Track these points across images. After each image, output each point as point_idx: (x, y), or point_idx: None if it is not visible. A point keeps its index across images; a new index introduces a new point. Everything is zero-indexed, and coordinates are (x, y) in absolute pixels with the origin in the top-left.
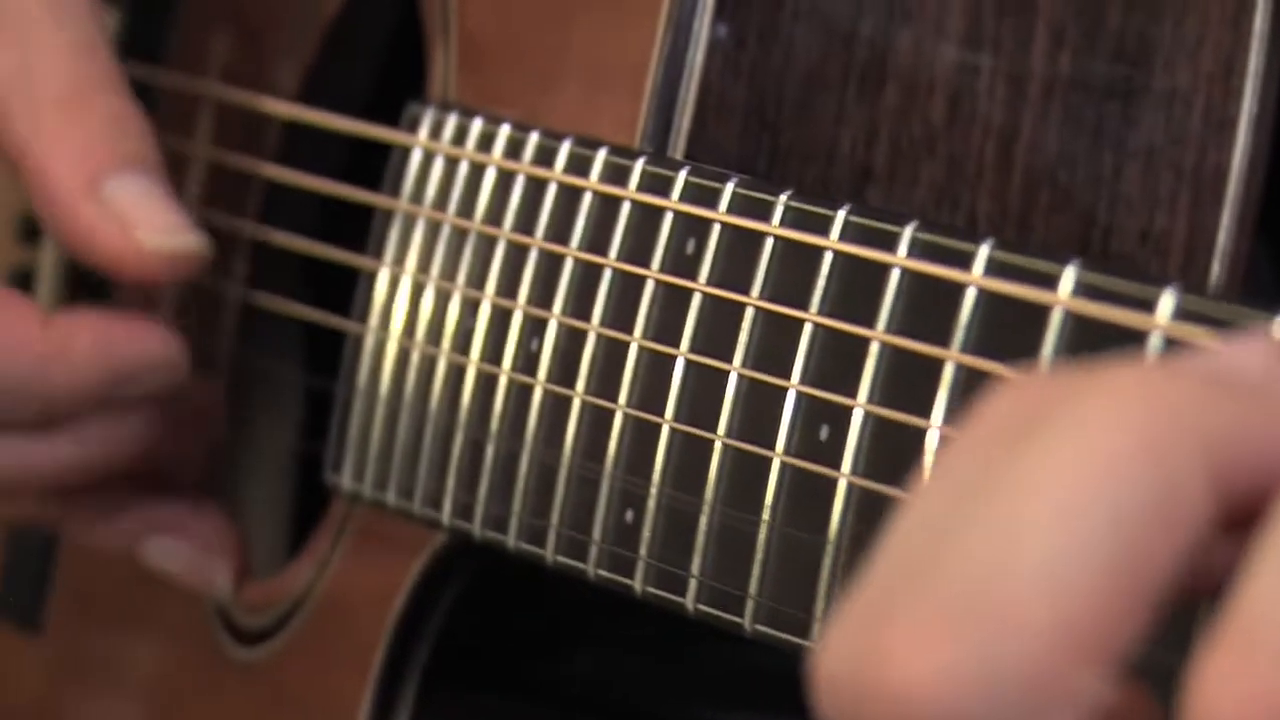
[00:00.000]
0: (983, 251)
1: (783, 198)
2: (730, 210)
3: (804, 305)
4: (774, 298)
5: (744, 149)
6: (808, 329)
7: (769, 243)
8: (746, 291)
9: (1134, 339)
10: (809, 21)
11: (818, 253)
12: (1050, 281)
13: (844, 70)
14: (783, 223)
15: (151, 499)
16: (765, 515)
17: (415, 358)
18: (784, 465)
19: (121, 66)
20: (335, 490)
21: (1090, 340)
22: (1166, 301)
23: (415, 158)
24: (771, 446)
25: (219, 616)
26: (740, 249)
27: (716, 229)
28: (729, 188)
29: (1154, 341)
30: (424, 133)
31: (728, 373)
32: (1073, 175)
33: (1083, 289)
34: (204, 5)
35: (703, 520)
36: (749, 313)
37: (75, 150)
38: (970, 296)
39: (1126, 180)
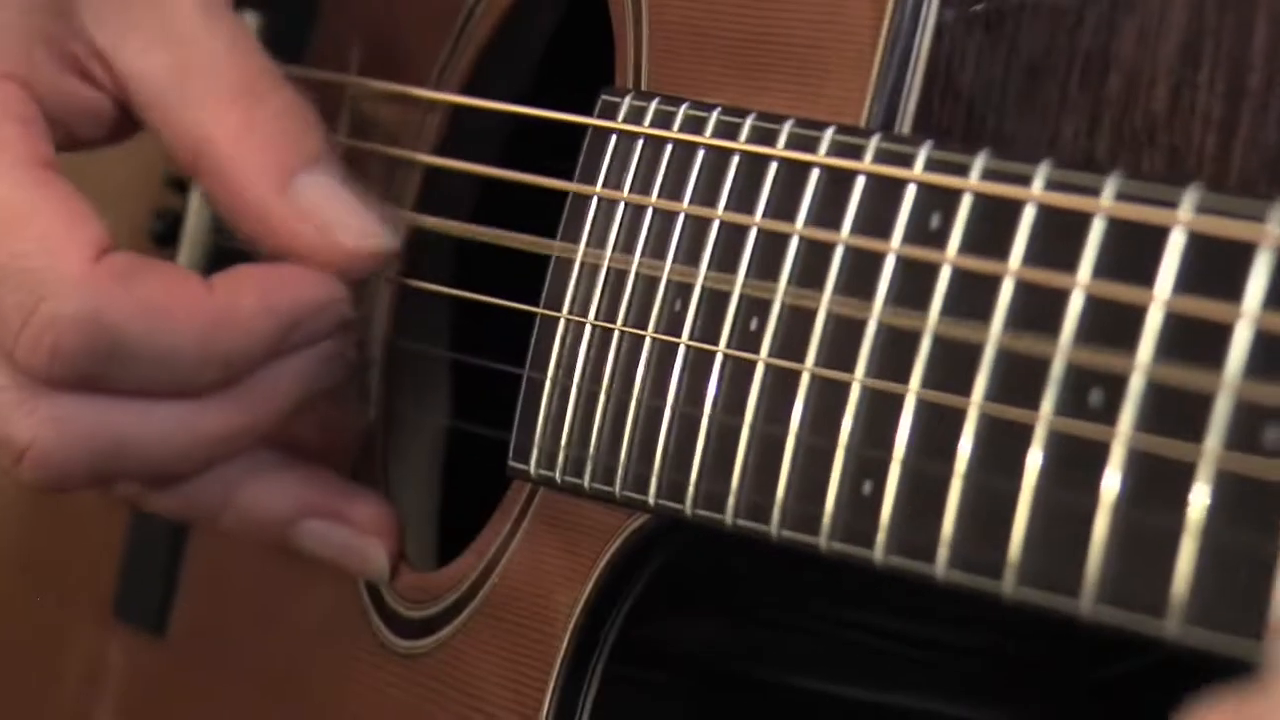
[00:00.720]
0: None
1: (1041, 168)
2: (982, 180)
3: (1069, 271)
4: (1034, 265)
5: (968, 134)
6: (1076, 294)
7: (1028, 212)
8: (1001, 260)
9: None
10: (1034, 9)
11: (1085, 219)
12: None
13: (1068, 58)
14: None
15: (306, 481)
16: (1027, 479)
17: (616, 340)
18: (1050, 429)
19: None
20: (519, 477)
21: None
22: None
23: (612, 143)
24: (1035, 411)
25: (375, 608)
26: (992, 220)
27: (966, 201)
28: (979, 161)
29: None
30: (621, 119)
31: (981, 343)
32: None
33: None
34: (342, 8)
35: (954, 487)
36: (1008, 281)
37: (260, 148)
38: (1264, 256)
39: None
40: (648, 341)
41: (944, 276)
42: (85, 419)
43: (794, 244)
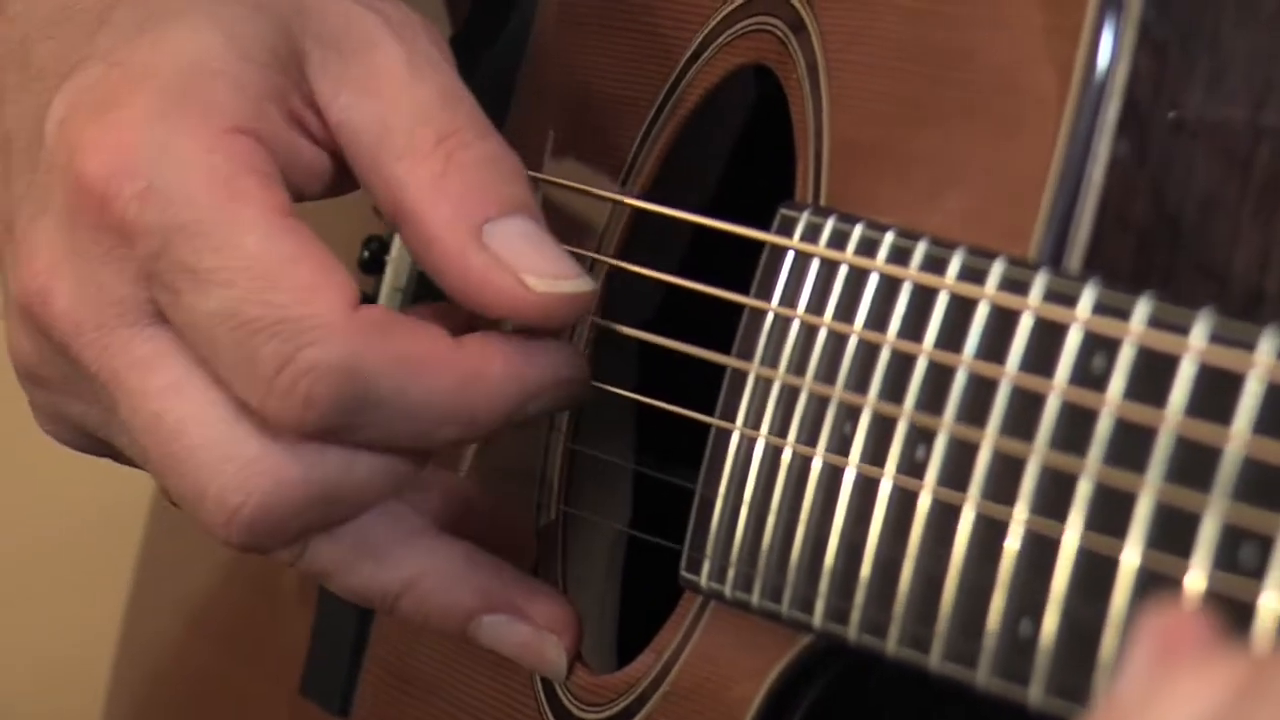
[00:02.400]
0: None
1: (1201, 317)
2: (1147, 327)
3: (1224, 426)
4: (1193, 418)
5: (1139, 266)
6: (1231, 451)
7: (1187, 363)
8: (1159, 409)
9: None
10: (1208, 141)
11: (1240, 377)
12: None
13: (1241, 191)
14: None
15: (489, 575)
16: None
17: (786, 459)
18: (1205, 586)
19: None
20: (690, 588)
21: None
22: None
23: (789, 260)
24: (1186, 564)
25: (549, 706)
26: (1152, 368)
27: (1129, 346)
28: (1141, 306)
29: None
30: (798, 235)
31: (1136, 491)
32: None
33: None
34: (534, 100)
35: (1108, 633)
36: (1164, 433)
37: (456, 196)
38: None
39: None
40: (817, 462)
41: (1104, 421)
42: (309, 468)
43: (960, 376)
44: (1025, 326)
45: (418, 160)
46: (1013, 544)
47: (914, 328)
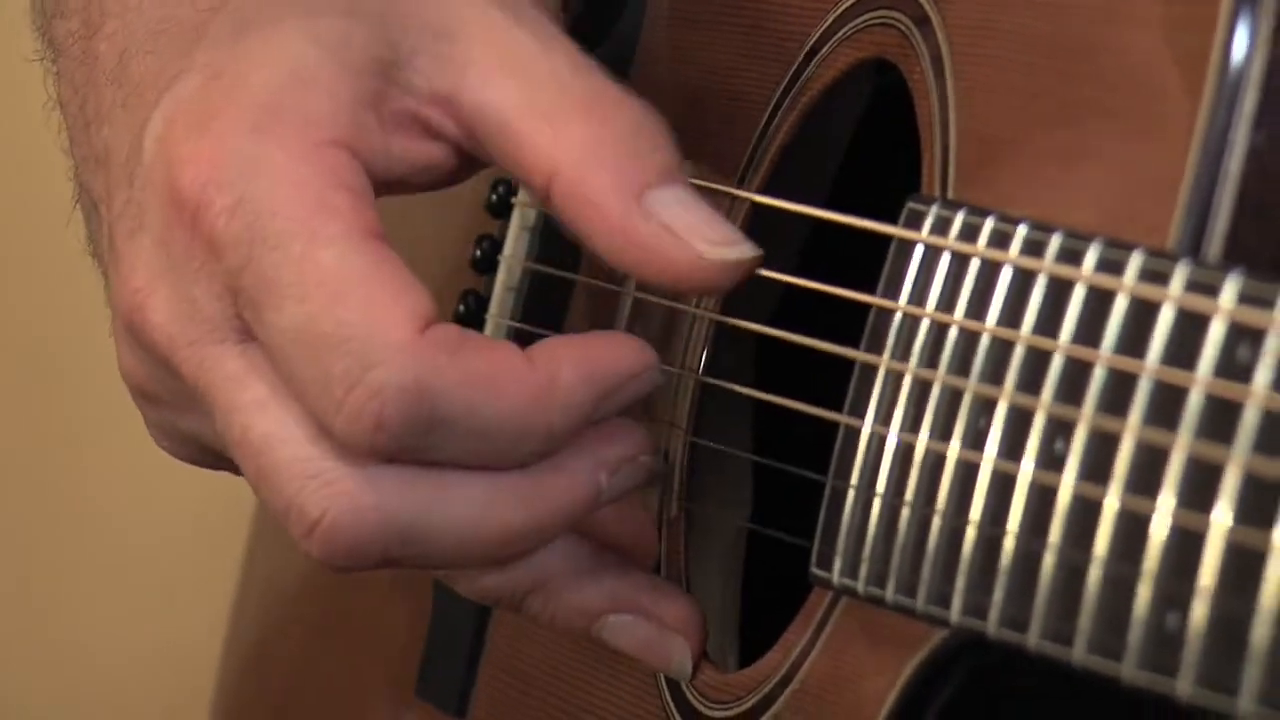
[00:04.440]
0: None
1: None
2: None
3: None
4: None
5: (1277, 257)
6: None
7: None
8: None
9: None
10: None
11: None
12: None
13: None
14: None
15: (615, 575)
16: None
17: (919, 454)
18: None
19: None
20: (821, 585)
21: None
22: None
23: (918, 254)
24: None
25: (675, 706)
26: None
27: (1275, 337)
28: None
29: None
30: (927, 229)
31: None
32: None
33: None
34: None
35: (1257, 626)
36: None
37: (612, 164)
38: None
39: None
40: (951, 456)
41: (1251, 412)
42: (382, 495)
43: (1099, 370)
44: (1166, 318)
45: (569, 128)
46: (1158, 537)
47: (1050, 321)
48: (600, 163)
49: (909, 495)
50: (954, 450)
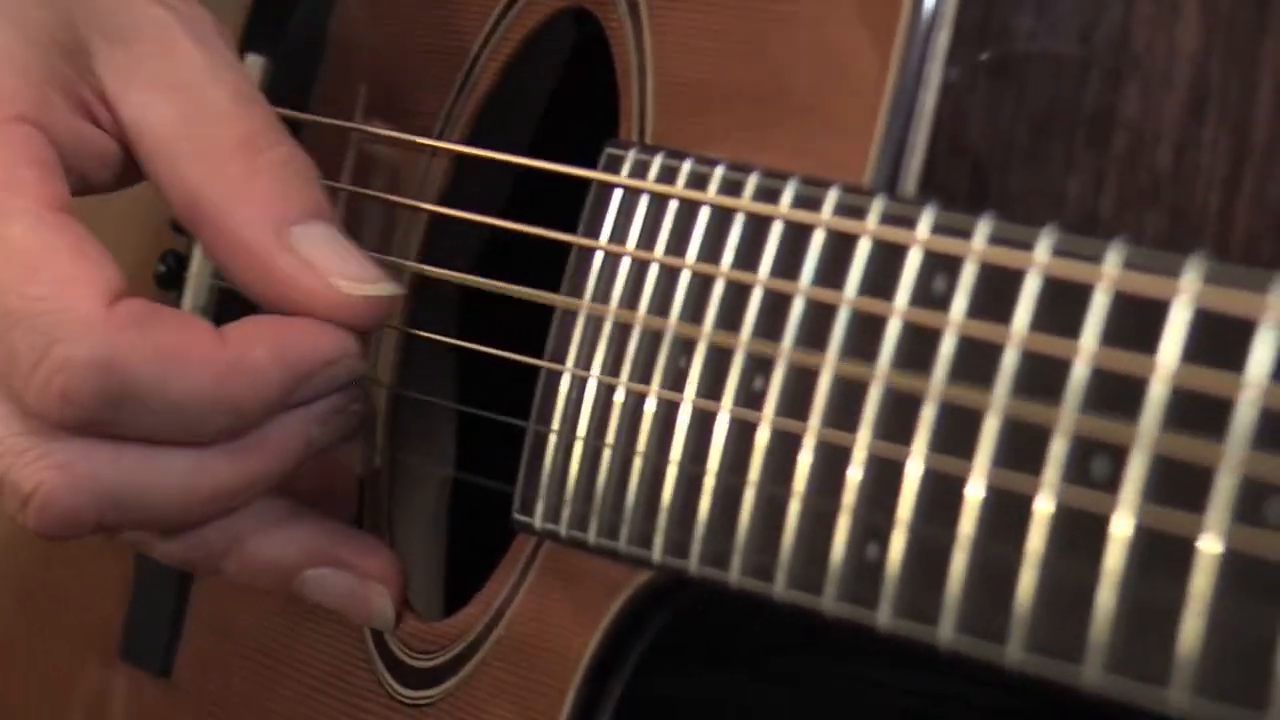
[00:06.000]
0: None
1: (1047, 234)
2: (989, 245)
3: (1072, 339)
4: (1040, 332)
5: (973, 193)
6: (1080, 362)
7: (1031, 279)
8: (1004, 326)
9: None
10: (1040, 67)
11: (1088, 288)
12: None
13: (1073, 117)
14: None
15: (312, 529)
16: (1030, 550)
17: (620, 396)
18: (1055, 499)
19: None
20: (524, 530)
21: None
22: None
23: (617, 198)
24: (1039, 480)
25: (380, 657)
26: (996, 286)
27: (970, 266)
28: (983, 225)
29: None
30: (626, 172)
31: (983, 409)
32: None
33: None
34: (346, 54)
35: (957, 553)
36: (1010, 349)
37: (259, 200)
38: (1268, 330)
39: None
40: (651, 398)
41: (948, 341)
42: (92, 465)
43: (798, 304)
44: (863, 250)
45: (219, 162)
46: (856, 470)
47: (748, 258)
48: (246, 198)
49: (610, 437)
50: (654, 391)
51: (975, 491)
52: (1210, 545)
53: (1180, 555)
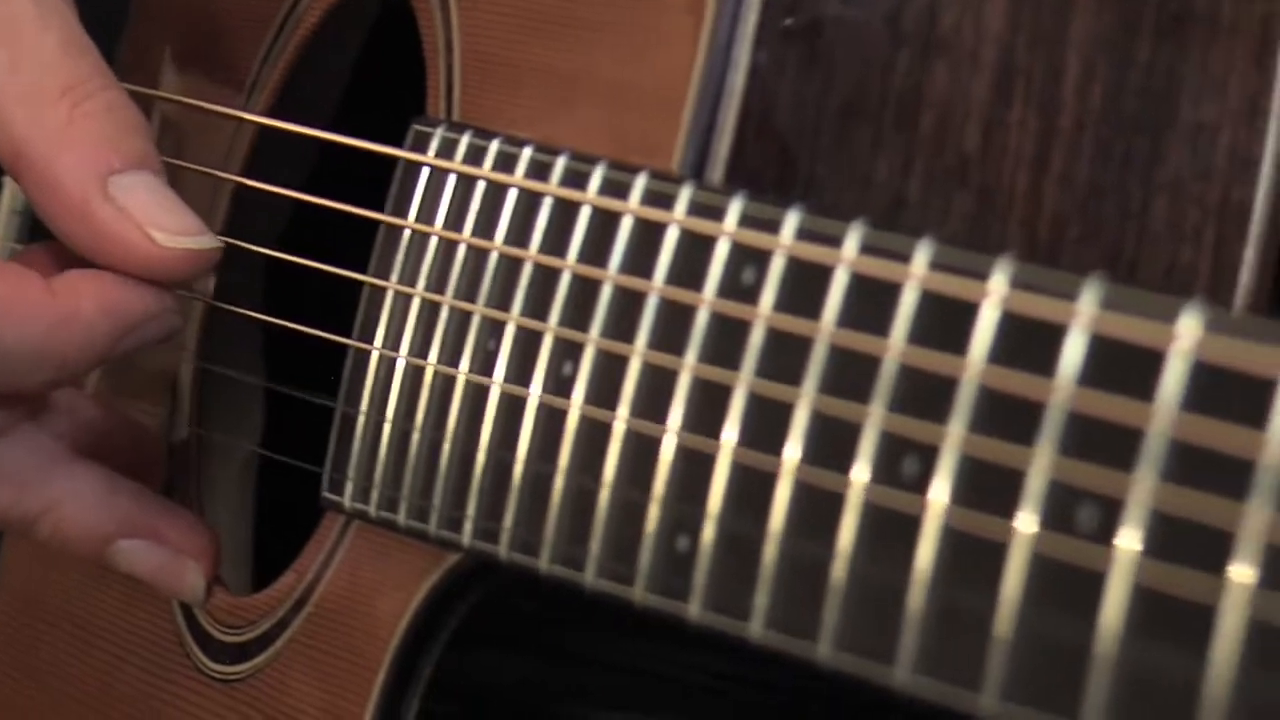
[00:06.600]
0: (1089, 291)
1: (855, 229)
2: (795, 239)
3: (881, 336)
4: (848, 328)
5: (781, 175)
6: (888, 361)
7: (840, 273)
8: (813, 321)
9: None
10: (847, 49)
11: (896, 287)
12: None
13: (881, 98)
14: (859, 253)
15: (124, 499)
16: (840, 549)
17: (429, 378)
18: (864, 499)
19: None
20: (333, 509)
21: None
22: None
23: (424, 176)
24: (847, 478)
25: (190, 631)
26: (805, 280)
27: (779, 260)
28: (793, 217)
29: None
30: (433, 151)
31: (793, 404)
32: (1101, 207)
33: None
34: (152, 18)
35: (768, 551)
36: (820, 343)
37: (81, 149)
38: (1076, 335)
39: (1153, 214)
40: (460, 381)
41: (757, 334)
42: None
43: (606, 291)
44: (671, 240)
45: (42, 108)
46: (665, 460)
47: (557, 243)
48: (67, 144)
49: (419, 419)
50: (463, 374)
51: (785, 487)
52: (1020, 550)
53: (990, 559)
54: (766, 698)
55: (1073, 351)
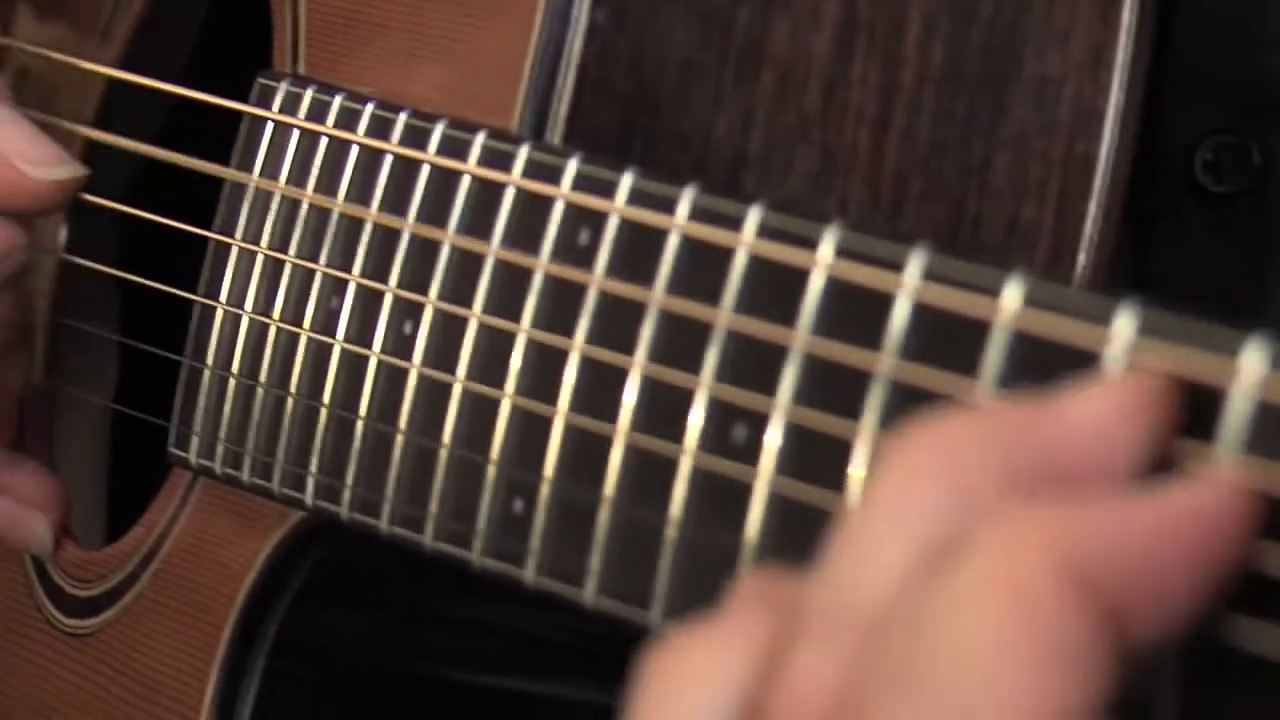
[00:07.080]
0: (915, 261)
1: (688, 192)
2: (629, 203)
3: (713, 303)
4: (679, 294)
5: (621, 134)
6: (718, 328)
7: (673, 238)
8: (647, 286)
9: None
10: (687, 6)
11: (728, 252)
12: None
13: (721, 56)
14: (690, 218)
15: None
16: (672, 515)
17: (273, 335)
18: (694, 465)
19: None
20: (179, 464)
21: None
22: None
23: (268, 131)
24: (680, 445)
25: (40, 583)
26: (639, 244)
27: (614, 221)
28: (626, 179)
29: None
30: (277, 106)
31: (626, 369)
32: (943, 164)
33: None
34: None
35: (601, 515)
36: (652, 309)
37: None
38: (902, 306)
39: (996, 169)
40: (303, 339)
41: (591, 297)
42: None
43: (444, 251)
44: (509, 201)
45: None
46: (502, 423)
47: (398, 201)
48: None
49: (263, 377)
50: (306, 331)
51: (617, 452)
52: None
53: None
54: (607, 647)
55: (900, 321)
